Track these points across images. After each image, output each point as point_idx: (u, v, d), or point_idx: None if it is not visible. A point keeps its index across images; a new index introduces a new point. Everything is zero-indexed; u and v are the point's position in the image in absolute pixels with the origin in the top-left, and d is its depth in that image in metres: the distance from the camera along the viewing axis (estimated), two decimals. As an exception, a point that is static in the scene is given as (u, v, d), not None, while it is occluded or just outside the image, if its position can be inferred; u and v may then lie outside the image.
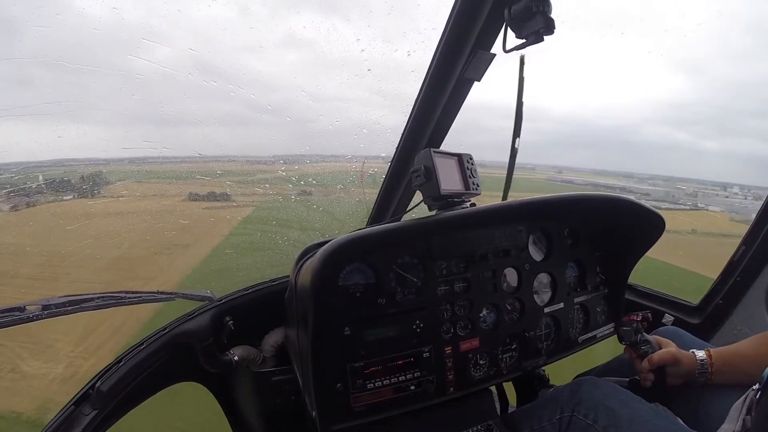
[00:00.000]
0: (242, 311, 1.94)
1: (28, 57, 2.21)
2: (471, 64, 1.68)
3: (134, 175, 3.87)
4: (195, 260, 5.93)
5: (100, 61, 2.12)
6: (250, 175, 4.17)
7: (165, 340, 1.77)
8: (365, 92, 2.26)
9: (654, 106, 15.17)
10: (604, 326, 2.11)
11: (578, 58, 7.55)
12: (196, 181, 4.10)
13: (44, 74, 2.28)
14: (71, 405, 1.58)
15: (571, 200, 1.92)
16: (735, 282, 2.14)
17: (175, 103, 2.39)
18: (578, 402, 1.54)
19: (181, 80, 2.29)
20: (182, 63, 2.34)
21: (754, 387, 1.27)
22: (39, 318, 1.58)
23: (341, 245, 1.42)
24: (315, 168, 3.48)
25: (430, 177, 1.53)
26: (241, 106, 2.62)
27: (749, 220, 2.13)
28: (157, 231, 4.34)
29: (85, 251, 3.61)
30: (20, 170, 3.28)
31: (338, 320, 1.54)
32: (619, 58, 10.33)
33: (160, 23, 2.15)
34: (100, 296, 1.76)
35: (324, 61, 2.27)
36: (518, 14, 1.28)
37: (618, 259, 2.10)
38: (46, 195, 3.49)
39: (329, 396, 1.51)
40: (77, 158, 3.36)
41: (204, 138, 2.54)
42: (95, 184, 3.68)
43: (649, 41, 9.93)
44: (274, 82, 2.35)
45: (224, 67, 2.33)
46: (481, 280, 1.79)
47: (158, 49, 2.17)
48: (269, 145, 2.92)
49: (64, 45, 2.07)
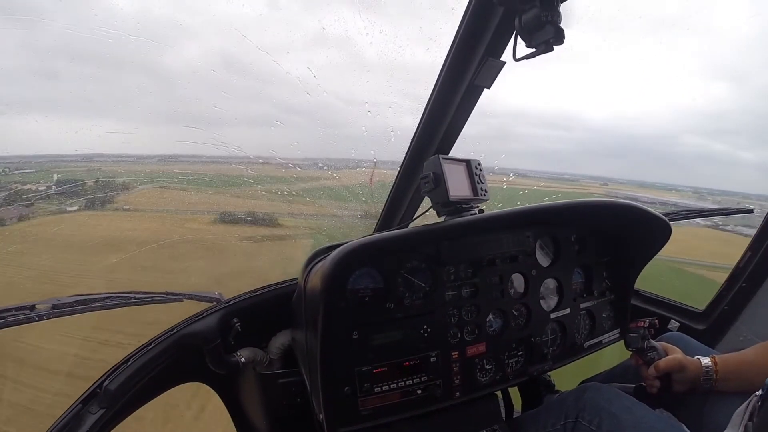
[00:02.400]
0: (250, 313, 1.95)
1: (53, 50, 2.22)
2: (481, 71, 1.68)
3: (159, 177, 3.48)
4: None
5: (128, 57, 2.12)
6: (289, 182, 3.42)
7: (173, 340, 1.79)
8: (396, 96, 2.23)
9: (691, 115, 14.88)
10: (609, 332, 2.11)
11: (614, 65, 7.56)
12: (229, 188, 3.64)
13: (71, 68, 2.28)
14: (79, 403, 1.60)
15: (577, 206, 1.93)
16: (741, 288, 2.14)
17: (204, 101, 2.37)
18: (583, 408, 1.55)
19: (209, 78, 2.28)
20: (210, 60, 2.34)
21: (757, 393, 1.28)
22: (49, 317, 1.60)
23: (353, 249, 1.44)
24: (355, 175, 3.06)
25: (438, 183, 1.54)
26: (270, 106, 2.60)
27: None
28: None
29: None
30: (40, 164, 3.17)
31: (347, 324, 1.55)
32: (656, 65, 10.32)
33: (188, 19, 2.15)
34: (109, 296, 1.77)
35: (356, 63, 2.23)
36: (528, 23, 1.28)
37: (624, 265, 2.11)
38: (50, 202, 3.27)
39: (337, 399, 1.52)
40: (106, 153, 3.22)
41: (234, 138, 2.52)
42: (111, 190, 3.42)
43: (689, 47, 9.74)
44: (304, 83, 2.32)
45: (253, 66, 2.32)
46: (489, 286, 1.80)
47: (186, 45, 2.17)
48: (299, 147, 2.83)
49: (91, 39, 2.07)
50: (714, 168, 6.93)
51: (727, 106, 8.57)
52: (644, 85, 9.45)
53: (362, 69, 2.16)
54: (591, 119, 11.35)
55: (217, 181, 3.70)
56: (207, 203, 3.89)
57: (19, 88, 2.41)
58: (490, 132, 2.05)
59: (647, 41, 4.41)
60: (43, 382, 3.23)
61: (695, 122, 10.86)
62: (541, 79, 1.79)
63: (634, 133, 14.24)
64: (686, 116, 10.86)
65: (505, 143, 2.93)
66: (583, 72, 5.80)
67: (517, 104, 4.23)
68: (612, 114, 9.49)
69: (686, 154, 12.00)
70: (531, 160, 4.65)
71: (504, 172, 3.16)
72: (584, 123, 10.73)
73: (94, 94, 2.21)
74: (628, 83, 7.48)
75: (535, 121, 7.62)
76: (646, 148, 11.43)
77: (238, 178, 3.37)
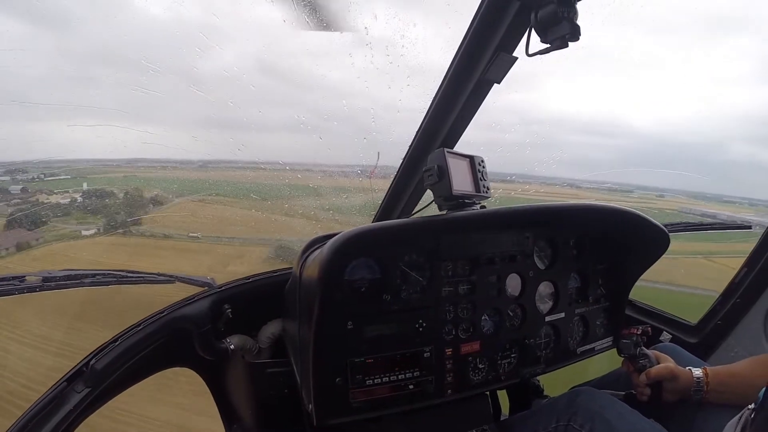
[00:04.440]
0: (241, 300, 1.93)
1: (90, 55, 2.19)
2: (493, 65, 1.67)
3: (200, 186, 3.17)
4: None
5: (165, 62, 2.09)
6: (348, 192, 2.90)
7: (162, 322, 1.76)
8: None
9: (741, 122, 14.30)
10: (602, 339, 2.11)
11: (658, 70, 7.43)
12: (283, 205, 3.12)
13: (109, 73, 2.26)
14: (63, 381, 1.57)
15: (578, 209, 1.94)
16: (735, 303, 2.15)
17: (243, 107, 2.32)
18: (575, 412, 1.53)
19: (246, 83, 2.25)
20: (246, 65, 2.30)
21: (750, 406, 1.28)
22: (39, 289, 1.57)
23: (350, 238, 1.41)
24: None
25: (442, 176, 1.52)
26: (307, 112, 2.49)
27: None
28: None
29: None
30: (79, 170, 2.99)
31: (342, 314, 1.53)
32: (703, 70, 10.14)
33: (223, 23, 2.12)
34: (101, 273, 1.75)
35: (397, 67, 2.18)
36: (545, 19, 1.28)
37: (620, 273, 2.11)
38: (66, 222, 3.05)
39: (327, 390, 1.50)
40: (148, 158, 3.04)
41: (274, 144, 2.46)
42: (139, 206, 3.09)
43: (738, 49, 9.51)
44: (341, 88, 2.27)
45: (289, 71, 2.28)
46: (486, 284, 1.79)
47: (222, 50, 2.14)
48: (345, 155, 2.72)
49: (129, 44, 2.05)
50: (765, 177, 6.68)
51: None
52: (692, 89, 9.26)
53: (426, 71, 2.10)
54: (635, 126, 11.16)
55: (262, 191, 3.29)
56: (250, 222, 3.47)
57: (59, 94, 2.38)
58: (534, 139, 2.01)
59: (694, 41, 4.25)
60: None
61: (746, 129, 10.63)
62: (582, 84, 1.76)
63: (680, 141, 13.94)
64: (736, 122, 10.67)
65: (549, 151, 2.90)
66: (626, 76, 5.67)
67: (559, 110, 4.17)
68: (656, 120, 9.34)
69: (736, 163, 11.74)
70: (575, 169, 4.59)
71: (553, 181, 3.05)
72: (627, 129, 10.58)
73: (133, 99, 2.18)
74: (673, 88, 7.32)
75: (577, 127, 7.47)
76: (693, 157, 11.20)
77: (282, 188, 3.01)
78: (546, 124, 3.29)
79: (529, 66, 1.68)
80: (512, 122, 2.35)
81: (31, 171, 3.22)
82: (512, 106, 2.51)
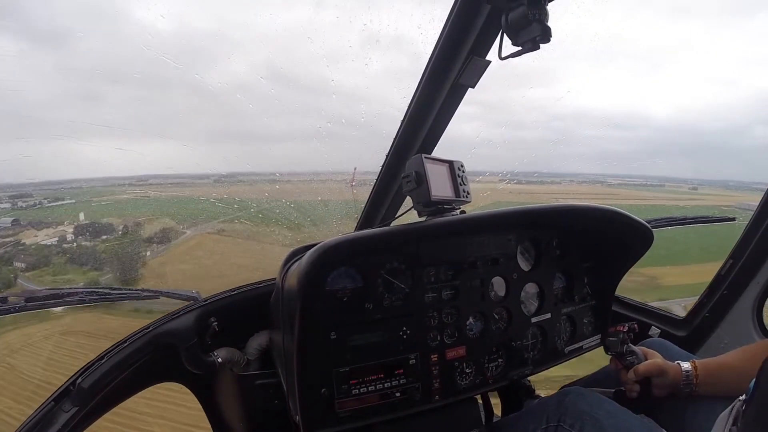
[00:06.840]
0: (227, 313, 1.92)
1: (90, 71, 2.16)
2: (466, 70, 1.67)
3: (221, 211, 3.00)
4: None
5: (172, 76, 2.05)
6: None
7: (148, 338, 1.75)
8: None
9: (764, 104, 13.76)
10: (590, 337, 2.11)
11: (679, 56, 7.32)
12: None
13: (113, 90, 2.23)
14: (51, 401, 1.56)
15: (560, 210, 1.93)
16: (722, 295, 2.16)
17: (256, 118, 2.29)
18: (564, 412, 1.53)
19: (259, 93, 2.22)
20: (258, 74, 2.26)
21: (741, 398, 1.28)
22: (22, 309, 1.56)
23: (329, 248, 1.41)
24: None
25: (420, 183, 1.52)
26: (323, 120, 2.46)
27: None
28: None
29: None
30: (83, 192, 2.87)
31: (325, 324, 1.52)
32: (722, 54, 9.90)
33: (233, 33, 2.09)
34: (85, 291, 1.73)
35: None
36: (515, 22, 1.27)
37: (606, 271, 2.11)
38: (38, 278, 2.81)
39: (314, 401, 1.49)
40: (160, 174, 2.96)
41: (290, 154, 2.41)
42: (143, 246, 3.04)
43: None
44: (358, 93, 2.24)
45: (303, 78, 2.25)
46: (469, 289, 1.78)
47: (232, 61, 2.11)
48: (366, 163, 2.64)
49: (130, 59, 2.01)
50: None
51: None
52: (711, 75, 9.15)
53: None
54: (655, 117, 10.91)
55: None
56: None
57: (68, 112, 2.35)
58: (554, 136, 2.00)
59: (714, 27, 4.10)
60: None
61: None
62: (601, 76, 1.74)
63: (699, 129, 13.74)
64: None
65: (570, 147, 2.85)
66: (649, 64, 5.54)
67: (579, 105, 4.12)
68: (676, 110, 9.20)
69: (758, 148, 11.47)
70: (600, 164, 4.44)
71: (577, 177, 2.97)
72: (648, 121, 10.40)
73: (143, 114, 2.15)
74: (696, 74, 7.17)
75: (597, 122, 7.39)
76: (714, 144, 10.96)
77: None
78: (567, 119, 3.24)
79: (547, 61, 1.65)
80: (534, 119, 2.31)
81: (36, 195, 3.16)
82: (531, 103, 2.53)
